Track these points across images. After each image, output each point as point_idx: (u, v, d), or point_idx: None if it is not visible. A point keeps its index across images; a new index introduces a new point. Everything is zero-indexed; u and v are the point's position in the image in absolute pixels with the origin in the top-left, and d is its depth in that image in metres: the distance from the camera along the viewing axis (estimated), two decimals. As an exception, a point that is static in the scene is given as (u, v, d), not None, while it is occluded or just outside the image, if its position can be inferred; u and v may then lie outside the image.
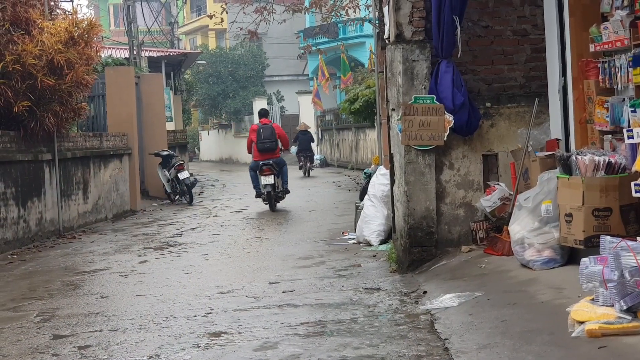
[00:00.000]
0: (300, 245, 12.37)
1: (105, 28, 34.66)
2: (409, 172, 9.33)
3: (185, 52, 39.09)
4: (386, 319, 7.25)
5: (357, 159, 33.79)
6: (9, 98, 13.94)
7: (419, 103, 9.18)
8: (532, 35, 9.49)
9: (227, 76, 52.30)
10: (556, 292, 6.70)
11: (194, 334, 7.03)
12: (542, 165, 8.27)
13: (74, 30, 15.34)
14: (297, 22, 36.61)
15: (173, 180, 21.94)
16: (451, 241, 9.42)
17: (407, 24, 9.35)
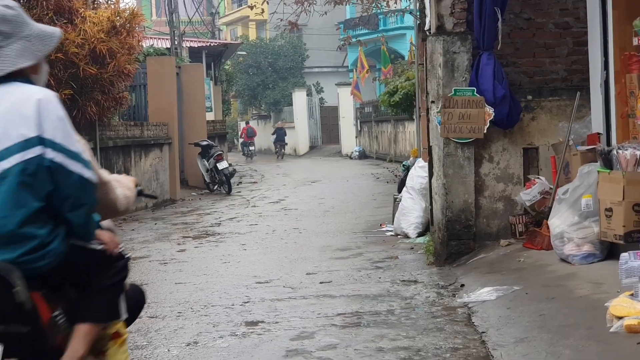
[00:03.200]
0: (338, 237, 12.39)
1: (147, 18, 34.84)
2: (447, 165, 9.30)
3: (225, 42, 39.21)
4: (423, 311, 7.24)
5: (395, 151, 33.72)
6: (52, 86, 14.07)
7: (459, 95, 9.15)
8: (575, 28, 9.41)
9: (266, 67, 52.44)
10: (595, 287, 6.66)
11: (231, 322, 7.07)
12: (583, 159, 8.21)
13: (116, 20, 15.46)
14: (337, 14, 36.56)
15: (212, 170, 22.05)
16: (489, 235, 9.38)
17: (448, 15, 9.32)
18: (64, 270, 3.34)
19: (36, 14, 14.31)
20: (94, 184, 3.38)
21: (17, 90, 3.30)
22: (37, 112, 3.22)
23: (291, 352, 6.06)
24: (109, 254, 3.62)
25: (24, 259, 3.19)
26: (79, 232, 3.39)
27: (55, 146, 3.22)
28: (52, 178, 3.23)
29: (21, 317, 3.18)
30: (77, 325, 3.40)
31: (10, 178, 3.17)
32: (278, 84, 52.01)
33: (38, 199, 3.21)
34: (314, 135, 49.82)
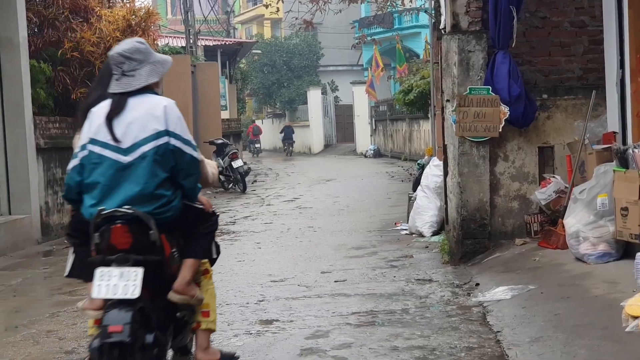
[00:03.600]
0: (353, 235, 12.39)
1: (162, 16, 34.91)
2: (462, 164, 9.29)
3: (240, 41, 39.28)
4: (438, 310, 7.24)
5: (410, 150, 33.69)
6: (67, 85, 14.16)
7: (474, 94, 9.13)
8: (590, 27, 9.38)
9: (281, 65, 52.48)
10: (610, 287, 6.64)
11: (246, 320, 7.09)
12: (599, 159, 8.18)
13: (131, 18, 15.52)
14: (352, 12, 36.54)
15: (227, 169, 22.08)
16: (504, 234, 9.36)
17: (463, 14, 9.30)
18: (178, 222, 5.00)
19: (52, 13, 14.40)
20: (199, 161, 5.07)
21: (149, 99, 5.05)
22: (164, 114, 4.96)
23: (306, 350, 6.07)
24: (206, 212, 5.28)
25: (157, 211, 4.83)
26: (189, 195, 5.10)
27: (176, 136, 4.93)
28: (173, 157, 4.91)
29: (154, 251, 4.81)
30: (185, 260, 5.09)
31: (148, 157, 4.84)
32: (293, 83, 52.04)
33: (165, 171, 4.89)
34: (329, 133, 49.82)
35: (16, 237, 12.18)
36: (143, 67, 5.12)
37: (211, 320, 5.43)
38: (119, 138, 4.92)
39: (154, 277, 4.83)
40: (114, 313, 4.64)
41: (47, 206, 13.34)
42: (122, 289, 4.70)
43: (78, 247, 5.18)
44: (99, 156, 4.95)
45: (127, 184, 4.88)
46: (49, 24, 14.41)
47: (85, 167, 5.00)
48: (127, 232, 4.79)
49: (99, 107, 5.09)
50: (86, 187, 4.97)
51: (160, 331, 4.93)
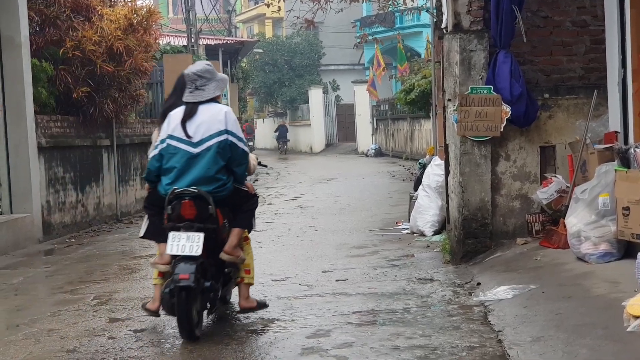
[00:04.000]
0: (354, 235, 12.39)
1: (164, 15, 34.89)
2: (464, 163, 9.29)
3: (242, 40, 39.24)
4: (439, 309, 7.24)
5: (411, 149, 33.70)
6: (69, 84, 14.16)
7: (476, 93, 9.13)
8: (592, 26, 9.38)
9: (283, 65, 52.48)
10: (612, 286, 6.64)
11: (247, 319, 7.08)
12: (600, 158, 8.18)
13: (133, 17, 15.52)
14: (353, 11, 36.52)
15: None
16: (506, 233, 9.36)
17: (465, 13, 9.30)
18: (229, 200, 6.72)
19: (53, 12, 14.39)
20: (247, 153, 6.87)
21: (214, 107, 6.79)
22: (224, 118, 6.71)
23: (307, 350, 6.07)
24: (249, 193, 7.05)
25: (215, 191, 6.58)
26: (239, 179, 6.89)
27: (232, 134, 6.68)
28: (230, 150, 6.67)
29: (212, 220, 6.56)
30: (232, 229, 6.82)
31: (212, 150, 6.60)
32: (294, 82, 52.04)
33: (223, 161, 6.65)
34: (330, 132, 49.84)
35: (18, 236, 12.19)
36: (211, 83, 6.85)
37: (251, 276, 7.17)
38: (190, 135, 6.68)
39: (210, 241, 6.55)
40: (182, 265, 6.35)
41: (48, 205, 13.34)
42: (189, 248, 6.43)
43: (152, 217, 7.04)
44: (175, 148, 6.70)
45: (195, 169, 6.64)
46: (50, 23, 14.40)
47: (164, 156, 6.75)
48: (193, 206, 6.53)
49: (175, 111, 6.84)
50: (164, 171, 6.74)
51: (214, 281, 6.64)
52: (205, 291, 6.50)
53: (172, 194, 6.55)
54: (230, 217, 6.87)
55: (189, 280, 6.27)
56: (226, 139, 6.65)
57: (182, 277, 6.28)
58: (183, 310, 6.33)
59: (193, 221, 6.51)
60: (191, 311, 6.38)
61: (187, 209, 6.52)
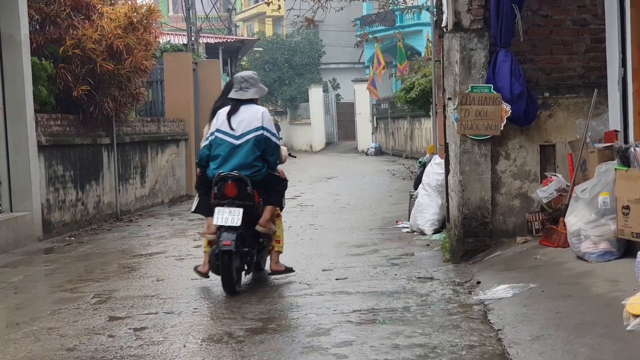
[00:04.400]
0: (354, 233, 12.39)
1: (164, 14, 34.92)
2: (464, 162, 9.29)
3: (242, 38, 39.25)
4: (439, 308, 7.24)
5: (412, 148, 33.70)
6: (69, 82, 14.15)
7: (476, 92, 9.13)
8: (592, 25, 9.38)
9: (283, 63, 52.47)
10: (612, 285, 6.64)
11: (247, 318, 7.08)
12: (600, 157, 8.18)
13: (133, 16, 15.51)
14: (353, 10, 36.51)
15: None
16: (506, 232, 9.36)
17: (465, 12, 9.29)
18: (264, 182, 8.28)
19: (54, 10, 14.39)
20: (279, 146, 8.46)
21: (253, 107, 8.44)
22: (261, 116, 8.30)
23: (307, 348, 6.07)
24: (280, 178, 8.64)
25: (252, 175, 8.12)
26: (271, 166, 8.43)
27: (267, 130, 8.25)
28: (265, 143, 8.22)
29: (250, 199, 8.07)
30: (266, 206, 8.40)
31: (250, 142, 8.17)
32: (294, 80, 52.04)
33: (259, 151, 8.19)
34: (330, 131, 49.84)
35: (17, 234, 12.19)
36: (252, 87, 8.62)
37: (280, 245, 8.89)
38: (234, 129, 8.36)
39: (248, 215, 8.17)
40: (225, 234, 8.01)
41: (48, 203, 13.34)
42: (230, 220, 8.03)
43: (202, 195, 8.67)
44: (221, 140, 8.38)
45: (237, 157, 8.29)
46: (50, 21, 14.40)
47: (212, 146, 8.42)
48: (234, 186, 8.17)
49: (222, 110, 8.58)
50: (212, 158, 8.41)
51: (251, 247, 8.30)
52: (243, 255, 8.19)
53: (218, 177, 8.25)
54: (264, 197, 8.53)
55: (231, 246, 7.94)
56: (262, 134, 8.34)
57: (225, 243, 7.95)
58: (226, 270, 7.97)
59: (234, 199, 8.18)
60: (232, 271, 8.00)
61: (230, 189, 8.19)
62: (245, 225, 8.17)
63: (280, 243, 8.87)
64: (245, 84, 8.59)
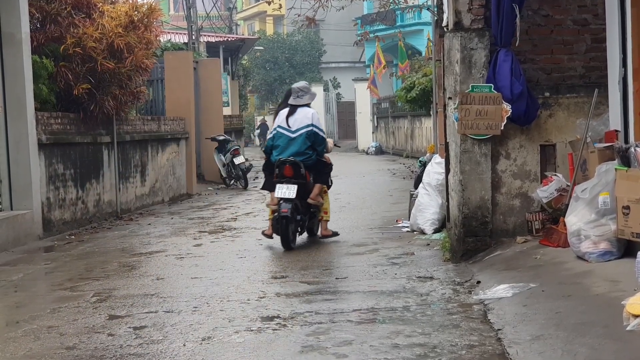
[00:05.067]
0: (354, 232, 12.39)
1: (165, 12, 34.94)
2: (464, 161, 9.29)
3: (243, 37, 39.25)
4: (439, 307, 7.24)
5: (412, 147, 33.69)
6: (69, 80, 14.15)
7: (476, 92, 9.13)
8: (593, 25, 9.37)
9: (283, 62, 52.49)
10: (612, 285, 6.64)
11: (247, 317, 7.09)
12: (601, 157, 8.18)
13: (134, 14, 15.50)
14: (354, 9, 36.52)
15: (229, 165, 22.10)
16: (506, 231, 9.36)
17: (466, 11, 9.29)
18: (314, 166, 11.09)
19: (54, 9, 14.39)
20: (325, 139, 11.36)
21: (306, 110, 11.27)
22: (311, 116, 11.18)
23: (307, 347, 6.07)
24: (327, 162, 11.41)
25: (304, 160, 10.95)
26: (320, 154, 11.22)
27: (316, 127, 11.09)
28: (314, 136, 11.07)
29: (303, 178, 10.88)
30: (315, 184, 11.12)
31: (303, 135, 11.04)
32: (295, 79, 51.94)
33: (310, 142, 11.04)
34: (331, 130, 49.84)
35: (18, 233, 12.19)
36: (306, 95, 11.42)
37: (327, 216, 11.55)
38: (290, 126, 11.14)
39: (301, 191, 10.81)
40: (284, 204, 10.66)
41: (48, 202, 13.34)
42: (288, 193, 10.68)
43: (267, 175, 11.44)
44: (281, 134, 11.16)
45: (292, 147, 11.05)
46: (51, 20, 14.39)
47: (275, 138, 11.19)
48: (291, 168, 10.84)
49: (282, 110, 11.36)
50: (274, 147, 11.18)
51: (303, 215, 11.03)
52: (297, 220, 10.95)
53: (279, 161, 10.99)
54: (314, 177, 11.23)
55: (288, 213, 10.61)
56: (311, 129, 11.12)
57: (283, 211, 10.63)
58: (284, 231, 10.64)
59: (291, 178, 10.87)
60: (289, 232, 10.69)
61: (287, 170, 10.90)
62: (299, 198, 10.82)
63: (327, 214, 11.55)
64: (300, 92, 11.37)
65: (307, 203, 11.03)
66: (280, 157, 10.97)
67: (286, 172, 10.84)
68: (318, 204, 11.22)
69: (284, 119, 11.17)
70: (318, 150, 11.19)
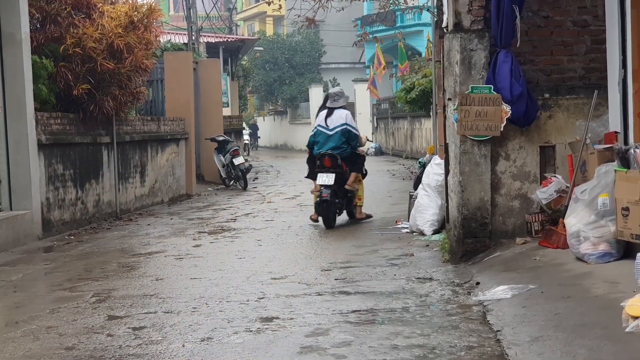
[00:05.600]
0: (354, 233, 12.39)
1: (165, 13, 34.95)
2: (464, 163, 9.29)
3: (242, 38, 39.25)
4: (438, 309, 7.24)
5: (411, 148, 33.68)
6: (69, 81, 14.15)
7: (476, 93, 9.13)
8: (593, 26, 9.37)
9: (283, 63, 52.44)
10: (611, 287, 6.64)
11: (246, 318, 7.09)
12: (600, 158, 8.18)
13: (133, 15, 15.50)
14: (354, 10, 36.49)
15: (228, 166, 22.09)
16: (505, 233, 9.36)
17: (465, 12, 9.29)
18: (349, 157, 13.38)
19: (54, 9, 14.39)
20: (358, 135, 13.71)
21: (341, 111, 13.61)
22: (345, 117, 13.51)
23: (306, 348, 6.07)
24: (360, 154, 13.78)
25: (340, 153, 13.24)
26: (354, 147, 13.54)
27: (350, 125, 13.45)
28: (348, 133, 13.38)
29: (340, 168, 13.14)
30: (351, 172, 13.33)
31: (338, 132, 13.35)
32: (295, 80, 52.02)
33: (345, 138, 13.35)
34: (330, 131, 49.81)
35: (17, 233, 12.19)
36: (341, 99, 13.67)
37: (361, 202, 13.67)
38: (328, 125, 13.27)
39: (339, 179, 12.79)
40: (324, 190, 12.72)
41: (48, 202, 13.34)
42: (327, 180, 12.77)
43: (310, 167, 13.43)
44: (320, 132, 13.29)
45: (330, 142, 13.17)
46: (51, 20, 14.39)
47: (315, 135, 13.35)
48: (330, 160, 12.94)
49: (322, 112, 13.47)
50: (315, 143, 13.34)
51: (341, 199, 13.04)
52: (336, 204, 13.11)
53: (319, 155, 13.27)
54: (350, 167, 13.35)
55: (328, 197, 12.85)
56: (345, 127, 13.39)
57: (324, 196, 12.86)
58: (325, 212, 13.00)
59: (329, 168, 13.07)
60: (329, 213, 13.01)
61: (326, 161, 13.12)
62: (337, 185, 12.97)
63: (361, 200, 13.75)
64: (336, 97, 13.80)
65: (345, 189, 13.19)
66: (321, 150, 13.22)
67: (325, 163, 13.07)
68: (354, 189, 13.41)
69: (323, 119, 13.46)
70: (352, 145, 13.42)
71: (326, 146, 13.18)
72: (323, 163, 13.03)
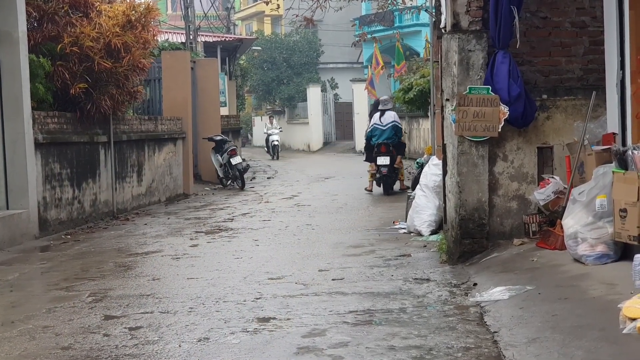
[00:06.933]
0: (351, 233, 12.38)
1: (162, 12, 34.91)
2: (461, 163, 9.28)
3: (240, 37, 39.22)
4: (435, 310, 7.23)
5: (409, 149, 33.61)
6: (66, 80, 14.12)
7: (474, 94, 9.12)
8: (591, 27, 9.37)
9: (281, 62, 52.39)
10: (608, 288, 6.64)
11: (243, 318, 7.08)
12: (598, 159, 8.17)
13: (131, 14, 15.48)
14: (352, 10, 36.49)
15: (225, 165, 22.07)
16: (503, 234, 9.35)
17: (464, 13, 9.28)
18: (396, 145, 18.83)
19: (52, 8, 14.37)
20: (401, 128, 19.59)
21: (391, 112, 19.13)
22: (393, 116, 19.08)
23: (302, 349, 6.06)
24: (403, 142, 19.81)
25: (391, 142, 18.66)
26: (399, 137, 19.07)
27: (397, 122, 18.97)
28: (395, 128, 18.84)
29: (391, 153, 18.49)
30: (397, 155, 18.67)
31: (390, 127, 18.73)
32: (293, 80, 51.97)
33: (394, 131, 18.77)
34: (328, 131, 49.76)
35: (14, 232, 12.17)
36: (389, 103, 19.56)
37: (403, 177, 19.00)
38: (382, 122, 18.65)
39: (391, 160, 18.33)
40: (383, 168, 18.36)
41: (44, 201, 13.32)
42: (384, 161, 18.30)
43: (368, 153, 18.91)
44: (376, 127, 18.76)
45: (384, 135, 18.56)
46: (48, 19, 14.37)
47: (373, 130, 18.84)
48: (385, 147, 18.42)
49: (376, 114, 18.90)
50: (373, 135, 18.76)
51: (393, 174, 18.55)
52: (391, 177, 18.32)
53: (377, 144, 18.23)
54: (397, 152, 18.24)
55: (386, 172, 18.17)
56: (394, 123, 18.48)
57: (384, 172, 18.14)
58: (385, 183, 18.33)
59: (385, 152, 18.06)
60: (387, 184, 18.27)
61: (383, 148, 18.18)
62: (390, 164, 18.03)
63: (402, 176, 18.74)
64: (386, 102, 19.06)
65: (394, 167, 18.23)
66: (378, 141, 18.33)
67: (382, 149, 18.18)
68: (400, 167, 18.57)
69: (378, 118, 18.55)
70: (398, 135, 18.59)
71: (382, 137, 18.36)
72: (380, 149, 18.18)
